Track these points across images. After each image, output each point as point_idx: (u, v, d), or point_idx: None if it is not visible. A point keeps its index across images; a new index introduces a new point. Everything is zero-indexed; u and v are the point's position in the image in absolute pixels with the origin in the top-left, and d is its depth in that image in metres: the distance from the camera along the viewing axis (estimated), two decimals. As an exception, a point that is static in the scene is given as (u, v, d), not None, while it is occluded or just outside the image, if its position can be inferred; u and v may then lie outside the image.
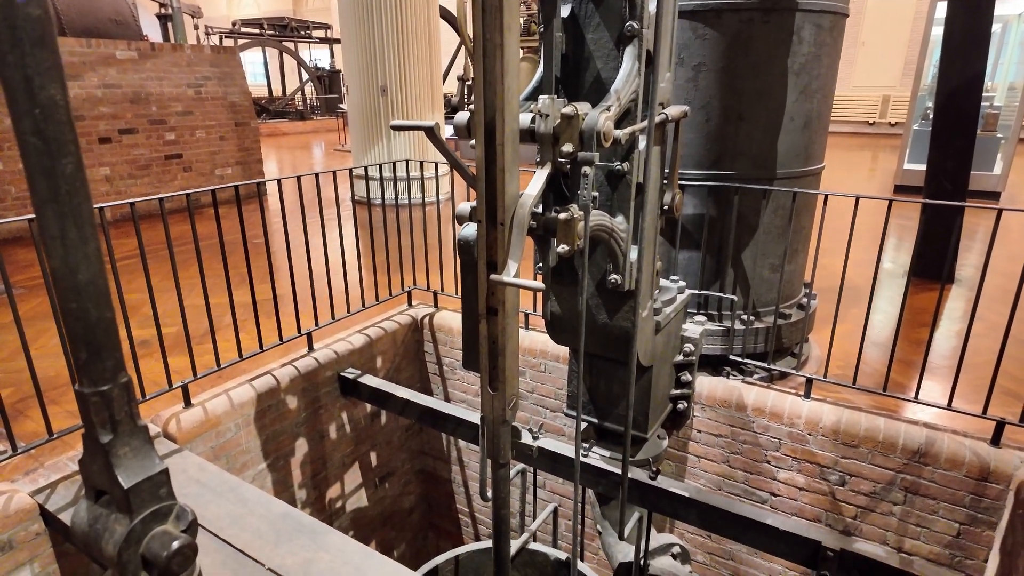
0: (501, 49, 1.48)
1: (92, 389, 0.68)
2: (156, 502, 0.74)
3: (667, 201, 2.35)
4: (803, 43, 2.70)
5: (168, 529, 0.75)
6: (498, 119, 1.55)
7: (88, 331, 0.66)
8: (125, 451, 0.71)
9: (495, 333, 1.76)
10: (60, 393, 3.05)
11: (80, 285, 0.64)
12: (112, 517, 0.72)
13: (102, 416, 0.69)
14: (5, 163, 6.00)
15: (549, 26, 1.97)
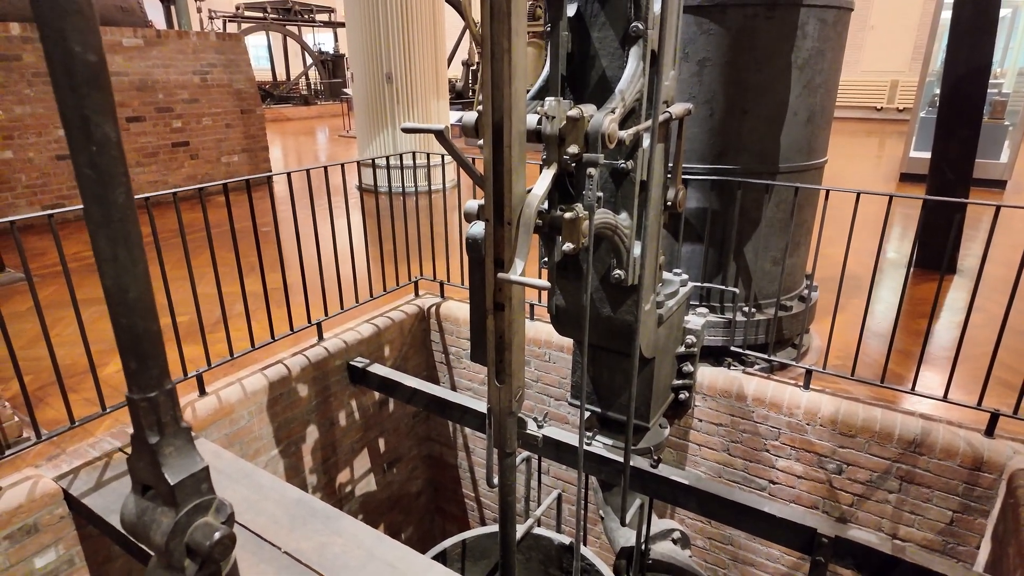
0: (509, 54, 1.53)
1: (141, 395, 0.75)
2: (198, 496, 0.81)
3: (670, 197, 2.39)
4: (807, 38, 2.72)
5: (210, 521, 0.82)
6: (505, 121, 1.60)
7: (137, 343, 0.72)
8: (170, 450, 0.78)
9: (502, 328, 1.83)
10: (78, 381, 3.14)
11: (130, 302, 0.70)
12: (159, 510, 0.79)
13: (150, 419, 0.76)
14: (15, 151, 6.06)
15: (555, 27, 2.00)
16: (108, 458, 2.50)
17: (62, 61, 0.58)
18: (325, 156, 11.12)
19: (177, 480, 0.77)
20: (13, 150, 6.04)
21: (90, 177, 0.63)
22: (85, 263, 4.90)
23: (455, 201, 6.92)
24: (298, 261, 3.23)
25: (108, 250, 0.67)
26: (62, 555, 2.37)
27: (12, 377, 3.11)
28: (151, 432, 0.76)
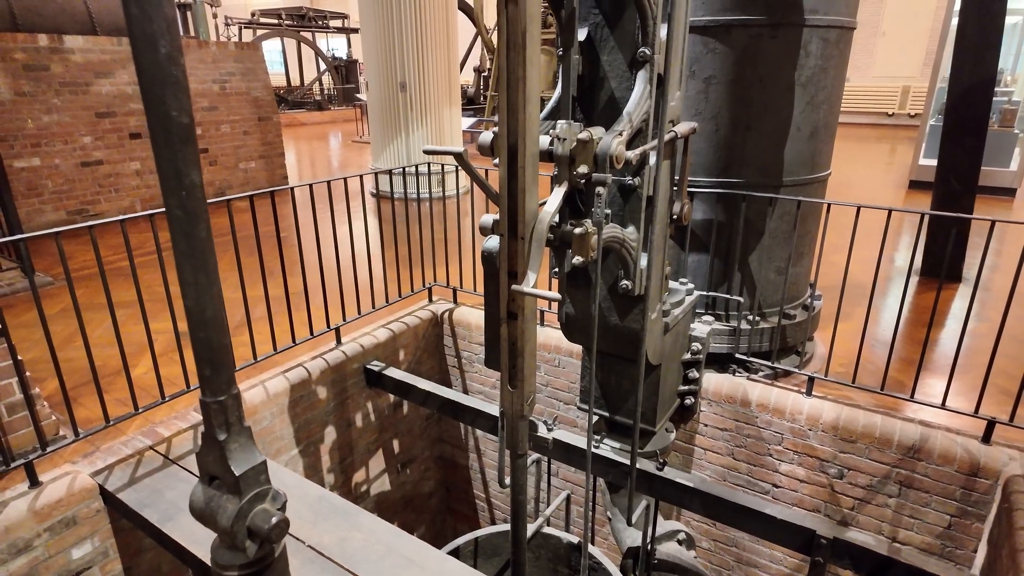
0: (524, 82, 1.64)
1: (212, 399, 0.87)
2: (258, 486, 0.93)
3: (676, 210, 2.50)
4: (810, 56, 2.81)
5: (267, 507, 0.94)
6: (520, 143, 1.72)
7: (211, 354, 0.84)
8: (235, 446, 0.89)
9: (515, 336, 1.94)
10: (109, 382, 3.29)
11: (207, 319, 0.82)
12: (224, 497, 0.90)
13: (219, 419, 0.87)
14: (42, 158, 6.26)
15: (567, 51, 2.11)
16: (140, 455, 2.64)
17: (161, 122, 0.70)
18: (338, 161, 11.30)
19: (241, 471, 0.89)
20: (40, 157, 6.24)
21: (179, 217, 0.75)
22: (109, 268, 5.07)
23: (468, 207, 7.06)
24: (318, 266, 3.37)
25: (191, 276, 0.79)
26: (97, 547, 2.51)
27: (46, 378, 3.27)
28: (220, 430, 0.88)
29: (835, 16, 2.80)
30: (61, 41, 6.31)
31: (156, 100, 0.69)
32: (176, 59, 0.68)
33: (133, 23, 0.65)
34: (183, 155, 0.72)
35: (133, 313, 4.00)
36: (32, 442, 2.56)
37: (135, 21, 0.65)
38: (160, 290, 2.75)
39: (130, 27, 0.66)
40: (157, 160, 0.73)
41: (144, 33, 0.66)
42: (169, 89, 0.69)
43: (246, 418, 2.85)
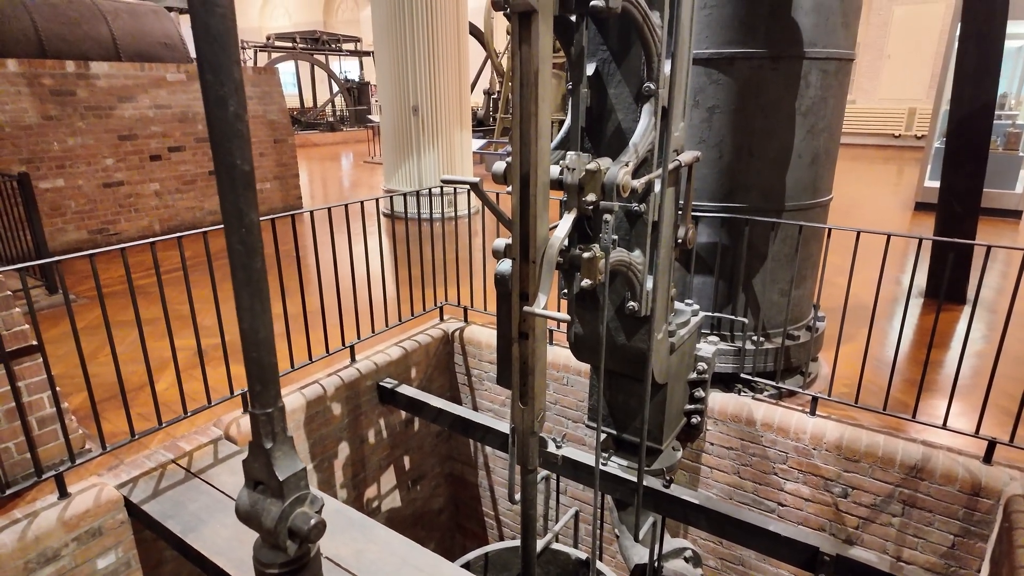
0: (536, 117, 1.76)
1: (261, 411, 0.96)
2: (298, 491, 1.02)
3: (681, 235, 2.60)
4: (810, 87, 2.92)
5: (306, 510, 1.03)
6: (532, 174, 1.83)
7: (262, 372, 0.94)
8: (279, 454, 0.99)
9: (526, 355, 2.04)
10: (131, 397, 3.39)
11: (259, 340, 0.92)
12: (268, 501, 1.00)
13: (266, 429, 0.97)
14: (66, 179, 6.46)
15: (576, 86, 2.23)
16: (163, 468, 2.73)
17: (227, 170, 0.81)
18: (350, 182, 11.51)
19: (284, 477, 0.98)
20: (64, 178, 6.44)
21: (239, 251, 0.86)
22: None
23: (478, 227, 7.19)
24: (334, 285, 3.48)
25: (247, 302, 0.89)
26: (120, 557, 2.60)
27: (71, 392, 3.38)
28: (267, 439, 0.97)
29: (833, 49, 2.91)
30: (87, 67, 6.55)
31: (223, 151, 0.80)
32: (241, 116, 0.79)
33: (208, 87, 0.76)
34: (244, 198, 0.83)
35: (152, 331, 4.13)
36: (60, 455, 2.67)
37: (209, 85, 0.76)
38: (180, 308, 2.87)
39: (204, 90, 0.77)
40: (222, 201, 0.84)
41: (216, 95, 0.76)
42: (235, 142, 0.80)
43: (264, 433, 2.93)
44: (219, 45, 0.73)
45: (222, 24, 0.72)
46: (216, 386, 3.20)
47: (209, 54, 0.74)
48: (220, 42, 0.73)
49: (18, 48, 6.38)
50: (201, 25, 0.72)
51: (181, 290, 4.51)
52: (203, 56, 0.74)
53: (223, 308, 3.05)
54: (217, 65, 0.74)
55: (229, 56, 0.73)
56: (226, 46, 0.73)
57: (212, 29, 0.72)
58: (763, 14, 2.80)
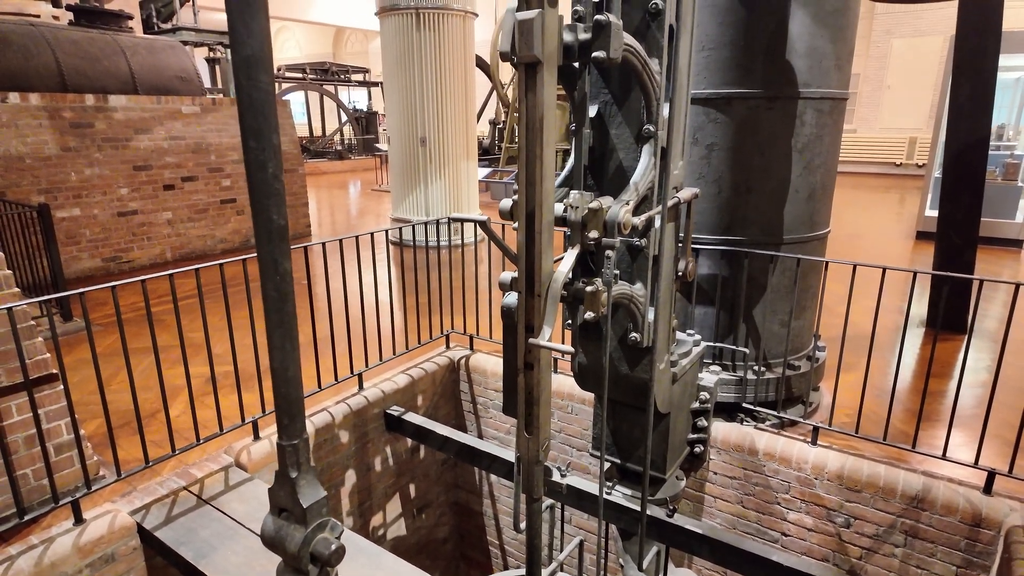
0: (541, 160, 1.86)
1: (288, 442, 1.04)
2: (320, 517, 1.09)
3: (681, 268, 2.68)
4: (805, 125, 3.03)
5: (327, 536, 1.09)
6: (537, 212, 1.92)
7: (290, 406, 1.01)
8: (304, 483, 1.06)
9: (531, 385, 2.11)
10: (144, 423, 3.46)
11: (288, 377, 1.00)
12: (292, 527, 1.06)
13: (292, 459, 1.04)
14: (82, 209, 6.63)
15: (580, 128, 2.34)
16: (175, 495, 2.79)
17: (264, 224, 0.90)
18: (358, 209, 11.70)
19: (308, 504, 1.05)
20: (81, 207, 6.61)
21: (274, 296, 0.94)
22: (141, 313, 5.31)
23: (484, 254, 7.30)
24: (344, 314, 3.56)
25: (279, 342, 0.98)
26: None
27: (84, 419, 3.45)
28: (292, 468, 1.04)
29: (827, 89, 3.03)
30: (106, 100, 6.76)
31: (261, 208, 0.89)
32: (278, 176, 0.88)
33: (249, 151, 0.85)
34: (279, 249, 0.92)
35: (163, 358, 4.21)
36: (75, 481, 2.73)
37: (251, 150, 0.85)
38: (191, 335, 2.95)
39: (246, 154, 0.86)
40: (259, 252, 0.93)
41: (257, 159, 0.85)
42: (272, 200, 0.88)
43: (274, 460, 3.01)
44: (261, 115, 0.82)
45: (264, 97, 0.81)
46: (227, 413, 3.26)
47: (252, 122, 0.83)
48: (262, 112, 0.82)
49: (41, 83, 6.61)
50: (245, 97, 0.81)
51: (192, 318, 4.61)
52: (246, 124, 0.84)
53: (221, 336, 3.13)
54: (259, 132, 0.83)
55: (269, 124, 0.83)
56: (267, 115, 0.82)
57: (255, 101, 0.81)
58: (759, 57, 2.92)
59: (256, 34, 0.76)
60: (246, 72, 0.78)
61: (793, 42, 2.92)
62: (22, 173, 6.16)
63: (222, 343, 3.24)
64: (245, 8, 0.75)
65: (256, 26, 0.76)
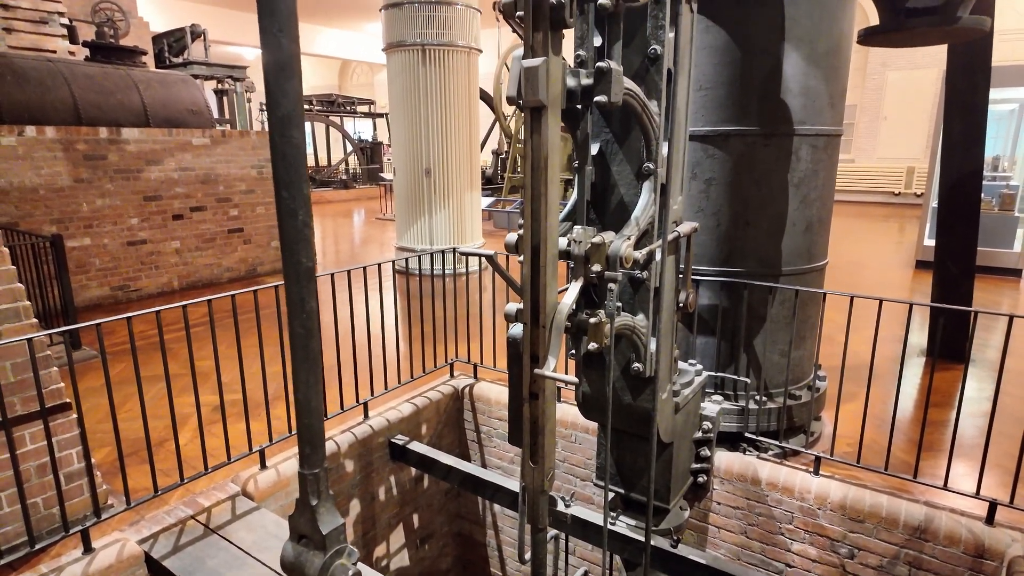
0: (546, 197, 1.94)
1: (309, 472, 1.09)
2: (338, 544, 1.13)
3: (682, 299, 2.74)
4: (801, 161, 3.13)
5: (345, 562, 1.14)
6: (542, 246, 2.00)
7: (312, 436, 1.07)
8: (323, 510, 1.10)
9: (536, 414, 2.15)
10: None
11: (311, 408, 1.06)
12: (311, 553, 1.11)
13: (313, 488, 1.09)
14: (93, 238, 6.74)
15: (582, 165, 2.43)
16: (183, 524, 2.81)
17: (294, 267, 0.97)
18: (362, 238, 11.83)
19: (327, 531, 1.10)
20: (91, 237, 6.72)
21: (300, 333, 1.01)
22: (149, 341, 5.37)
23: (487, 282, 7.38)
24: (350, 343, 3.62)
25: (303, 376, 1.04)
26: (137, 614, 2.64)
27: (93, 448, 3.48)
28: (313, 496, 1.09)
29: (821, 126, 3.13)
30: (118, 133, 6.93)
31: (291, 251, 0.96)
32: (308, 223, 0.95)
33: (281, 201, 0.93)
34: (307, 290, 0.99)
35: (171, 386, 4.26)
36: (84, 509, 2.76)
37: (283, 199, 0.93)
38: (198, 364, 3.00)
39: (278, 203, 0.94)
40: (288, 292, 1.00)
41: (288, 208, 0.93)
42: (301, 244, 0.96)
43: (280, 489, 3.04)
44: (292, 168, 0.90)
45: (295, 152, 0.89)
46: (234, 442, 3.30)
47: (284, 174, 0.91)
48: (293, 165, 0.90)
49: (57, 116, 6.79)
50: (279, 152, 0.89)
51: (199, 346, 4.66)
52: (279, 176, 0.91)
53: (228, 364, 3.18)
54: (290, 183, 0.91)
55: (300, 176, 0.90)
56: (298, 168, 0.90)
57: (288, 156, 0.89)
58: (754, 96, 3.03)
59: (290, 96, 0.84)
60: (280, 130, 0.86)
61: (787, 82, 3.03)
62: (35, 204, 6.29)
63: (229, 371, 3.29)
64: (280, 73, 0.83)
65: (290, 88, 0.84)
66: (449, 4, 7.28)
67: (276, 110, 0.85)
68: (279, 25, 0.78)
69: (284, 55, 0.80)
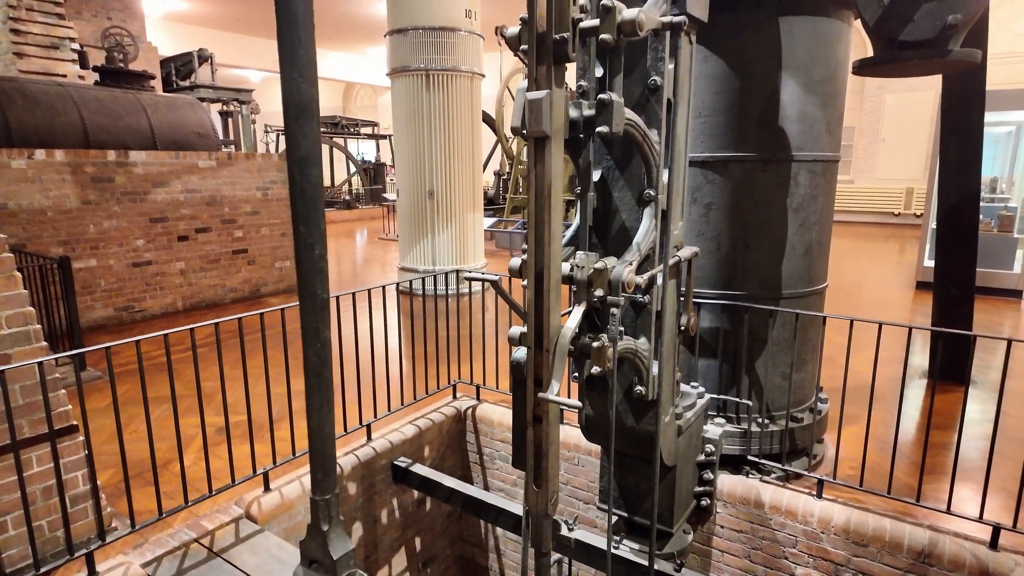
0: (549, 224, 1.99)
1: (321, 497, 1.12)
2: (348, 569, 1.15)
3: (683, 323, 2.78)
4: (799, 186, 3.18)
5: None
6: (545, 272, 2.04)
7: (324, 462, 1.10)
8: (334, 535, 1.13)
9: (540, 438, 2.17)
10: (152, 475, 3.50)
11: (324, 435, 1.09)
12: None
13: (324, 513, 1.12)
14: (99, 259, 6.80)
15: (585, 192, 2.48)
16: (186, 548, 2.81)
17: (310, 299, 1.01)
18: (364, 257, 11.91)
19: (338, 556, 1.12)
20: (97, 258, 6.78)
21: (314, 362, 1.04)
22: (154, 362, 5.39)
23: (490, 302, 7.41)
24: (353, 364, 3.64)
25: (317, 403, 1.07)
26: (139, 638, 2.63)
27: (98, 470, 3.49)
28: (324, 522, 1.11)
29: (819, 152, 3.19)
30: (126, 155, 7.03)
31: (308, 284, 1.00)
32: (324, 256, 0.99)
33: (299, 235, 0.97)
34: (322, 320, 1.02)
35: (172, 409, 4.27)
36: (88, 532, 2.77)
37: (301, 234, 0.97)
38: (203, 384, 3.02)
39: (297, 237, 0.98)
40: (303, 323, 1.03)
41: (306, 242, 0.97)
42: (318, 276, 1.00)
43: (283, 512, 3.04)
44: (311, 204, 0.94)
45: (314, 189, 0.93)
46: (237, 464, 3.30)
47: (303, 210, 0.95)
48: (312, 202, 0.94)
49: (66, 139, 6.89)
50: (298, 189, 0.93)
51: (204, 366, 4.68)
52: (298, 212, 0.96)
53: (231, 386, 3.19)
54: (308, 219, 0.95)
55: (318, 212, 0.95)
56: (316, 204, 0.94)
57: (307, 193, 0.93)
58: (753, 123, 3.09)
59: (309, 137, 0.88)
60: (300, 168, 0.90)
61: (785, 109, 3.10)
62: (43, 225, 6.36)
63: (233, 391, 3.31)
64: (301, 115, 0.88)
65: (309, 130, 0.88)
66: (452, 30, 7.42)
67: (296, 150, 0.90)
68: (299, 71, 0.83)
69: (304, 99, 0.85)
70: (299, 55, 0.82)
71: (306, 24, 0.81)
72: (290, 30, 0.81)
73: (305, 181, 0.93)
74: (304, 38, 0.81)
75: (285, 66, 0.83)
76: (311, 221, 0.95)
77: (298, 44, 0.80)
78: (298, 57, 0.82)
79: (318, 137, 0.91)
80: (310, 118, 0.88)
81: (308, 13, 0.82)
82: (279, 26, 0.85)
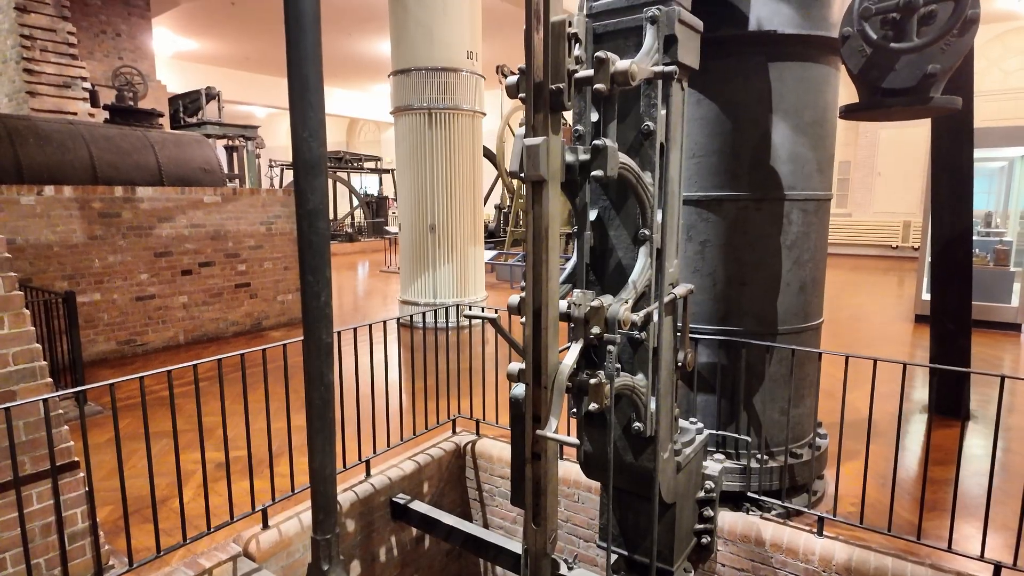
0: (546, 265, 2.05)
1: (322, 537, 1.14)
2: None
3: (680, 359, 2.81)
4: (792, 224, 3.25)
5: (354, 626, 1.17)
6: (543, 310, 2.09)
7: (326, 502, 1.13)
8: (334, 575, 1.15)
9: (539, 475, 2.19)
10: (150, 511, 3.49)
11: (326, 476, 1.12)
12: (321, 617, 1.15)
13: (325, 553, 1.14)
14: (103, 293, 6.87)
15: (581, 231, 2.55)
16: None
17: (315, 342, 1.05)
18: (366, 290, 11.97)
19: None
20: (101, 292, 6.85)
21: (318, 404, 1.08)
22: (155, 396, 5.40)
23: (490, 334, 7.44)
24: (353, 400, 3.66)
25: (319, 444, 1.11)
26: None
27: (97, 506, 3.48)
28: (324, 561, 1.14)
29: (811, 191, 3.27)
30: (133, 191, 7.16)
31: (313, 329, 1.05)
32: (328, 303, 1.04)
33: (307, 284, 1.02)
34: (326, 363, 1.07)
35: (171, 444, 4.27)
36: (86, 571, 2.75)
37: (308, 283, 1.02)
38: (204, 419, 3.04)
39: (303, 287, 1.03)
40: (307, 365, 1.08)
41: (313, 291, 1.02)
42: (323, 323, 1.05)
43: (282, 550, 3.03)
44: (318, 254, 0.99)
45: (321, 241, 0.99)
46: (236, 500, 3.30)
47: (311, 261, 1.01)
48: (318, 252, 0.99)
49: (75, 176, 7.04)
50: (306, 241, 0.99)
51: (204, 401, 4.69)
52: (305, 262, 1.01)
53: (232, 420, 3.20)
54: (315, 268, 1.01)
55: (324, 262, 1.00)
56: (323, 255, 1.00)
57: (314, 244, 0.99)
58: (745, 163, 3.18)
59: (317, 191, 0.94)
60: (308, 221, 0.96)
61: (776, 149, 3.19)
62: (49, 260, 6.44)
63: (233, 426, 3.32)
64: (310, 172, 0.94)
65: (318, 185, 0.94)
66: (455, 71, 7.63)
67: (305, 204, 0.96)
68: (310, 132, 0.89)
69: (313, 157, 0.91)
70: (310, 118, 0.89)
71: (317, 89, 0.88)
72: (301, 96, 0.87)
73: (313, 233, 0.98)
74: (315, 102, 0.87)
75: (297, 127, 0.89)
76: (318, 271, 1.01)
77: (309, 108, 0.86)
78: (309, 120, 0.88)
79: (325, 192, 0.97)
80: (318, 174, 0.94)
81: (319, 79, 0.88)
82: (291, 90, 0.91)
